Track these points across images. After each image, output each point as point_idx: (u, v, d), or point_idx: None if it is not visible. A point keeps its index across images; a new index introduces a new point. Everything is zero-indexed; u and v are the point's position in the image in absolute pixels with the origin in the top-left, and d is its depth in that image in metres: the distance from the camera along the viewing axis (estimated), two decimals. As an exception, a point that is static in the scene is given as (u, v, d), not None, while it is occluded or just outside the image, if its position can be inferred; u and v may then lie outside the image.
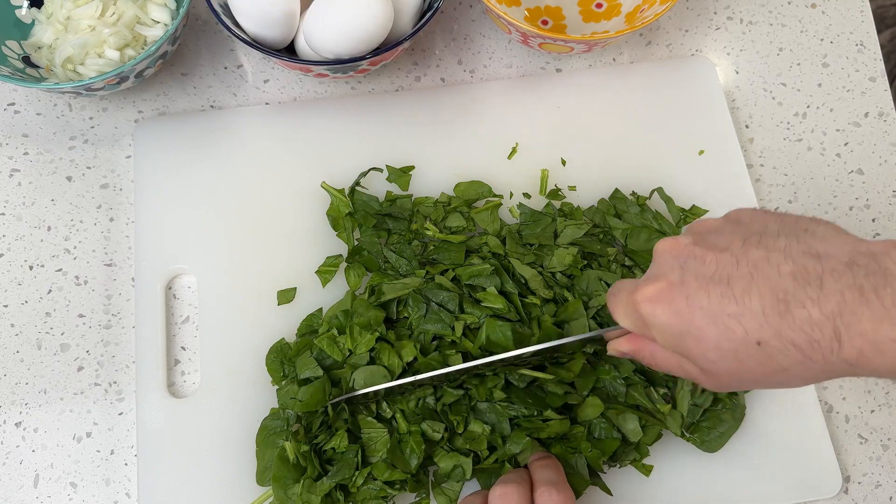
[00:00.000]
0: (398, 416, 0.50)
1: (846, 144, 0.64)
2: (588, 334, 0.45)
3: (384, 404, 0.51)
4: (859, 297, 0.31)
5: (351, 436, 0.50)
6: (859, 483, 0.54)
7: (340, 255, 0.57)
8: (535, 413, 0.50)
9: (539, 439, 0.50)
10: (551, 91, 0.64)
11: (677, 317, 0.35)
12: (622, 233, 0.56)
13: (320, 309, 0.55)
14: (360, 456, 0.49)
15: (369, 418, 0.50)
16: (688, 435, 0.52)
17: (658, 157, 0.61)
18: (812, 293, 0.32)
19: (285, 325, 0.55)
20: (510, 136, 0.62)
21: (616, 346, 0.43)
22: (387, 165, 0.60)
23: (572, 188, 0.60)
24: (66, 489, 0.53)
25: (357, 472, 0.49)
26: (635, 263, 0.55)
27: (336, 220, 0.57)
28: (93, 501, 0.53)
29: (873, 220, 0.62)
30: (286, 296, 0.56)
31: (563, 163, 0.61)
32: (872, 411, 0.56)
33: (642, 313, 0.37)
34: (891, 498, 0.54)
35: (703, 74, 0.64)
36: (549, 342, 0.47)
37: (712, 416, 0.52)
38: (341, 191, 0.58)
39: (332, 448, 0.49)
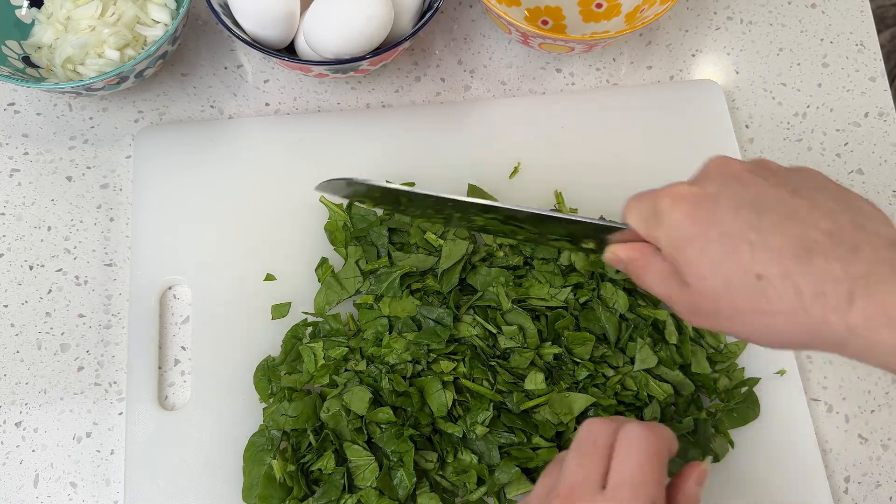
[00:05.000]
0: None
1: (846, 144, 0.64)
2: (593, 220, 0.42)
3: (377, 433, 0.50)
4: (891, 272, 0.31)
5: (338, 457, 0.49)
6: (859, 483, 0.54)
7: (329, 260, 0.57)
8: (526, 440, 0.49)
9: (527, 470, 0.49)
10: (556, 111, 0.63)
11: (693, 221, 0.36)
12: None
13: (304, 319, 0.55)
14: (346, 478, 0.48)
15: (355, 446, 0.49)
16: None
17: (663, 182, 0.60)
18: (842, 252, 0.32)
19: (279, 340, 0.55)
20: (512, 155, 0.61)
21: (615, 250, 0.42)
22: (386, 181, 0.59)
23: (574, 210, 0.59)
24: (66, 489, 0.53)
25: (348, 497, 0.48)
26: (636, 287, 0.55)
27: (334, 234, 0.57)
28: (93, 501, 0.53)
29: (873, 220, 0.62)
30: (280, 311, 0.56)
31: (566, 186, 0.60)
32: (872, 411, 0.56)
33: (661, 206, 0.38)
34: (891, 498, 0.54)
35: (711, 99, 0.63)
36: (548, 210, 0.43)
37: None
38: (339, 205, 0.58)
39: (319, 469, 0.49)
